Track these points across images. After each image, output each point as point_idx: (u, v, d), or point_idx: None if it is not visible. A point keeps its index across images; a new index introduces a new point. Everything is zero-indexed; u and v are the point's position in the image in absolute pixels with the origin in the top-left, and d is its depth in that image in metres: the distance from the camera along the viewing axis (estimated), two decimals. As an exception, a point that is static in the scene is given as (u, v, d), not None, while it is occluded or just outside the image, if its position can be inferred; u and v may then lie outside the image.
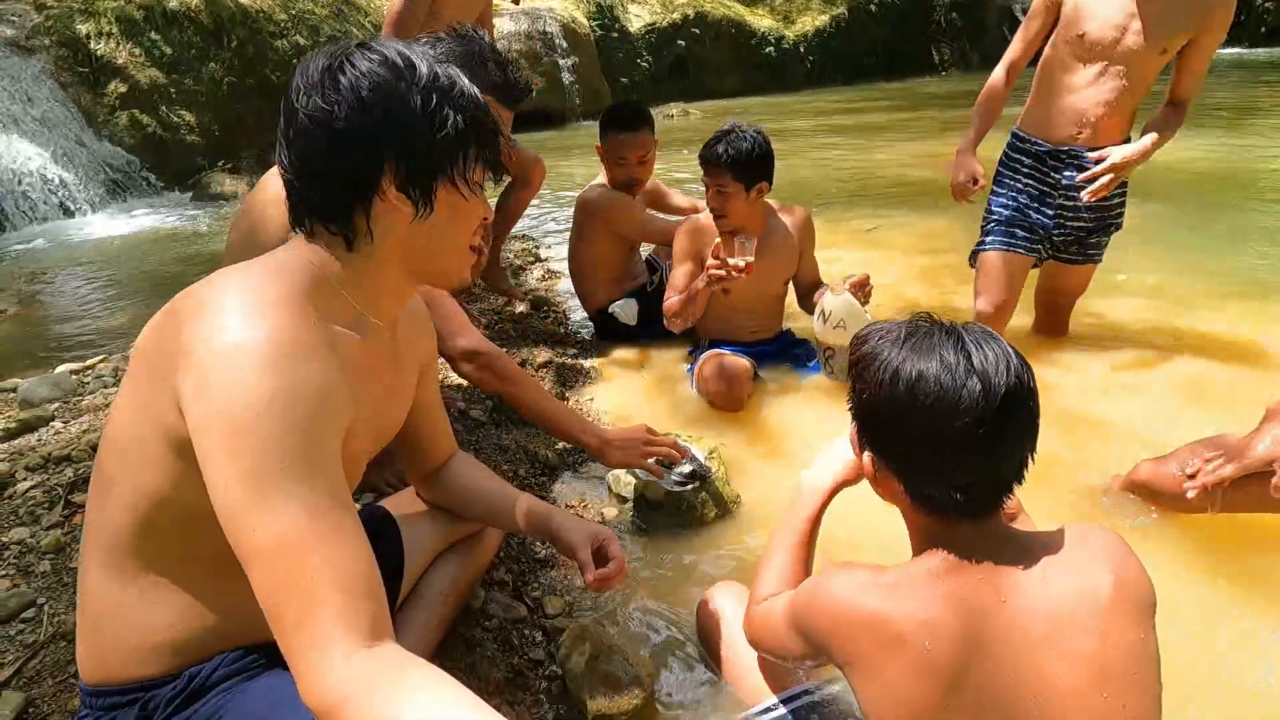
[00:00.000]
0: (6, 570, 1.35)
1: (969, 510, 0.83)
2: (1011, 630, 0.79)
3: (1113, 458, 1.83)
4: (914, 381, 0.79)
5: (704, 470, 1.72)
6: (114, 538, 0.83)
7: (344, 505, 0.75)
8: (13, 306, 3.69)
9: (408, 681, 0.69)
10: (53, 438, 1.85)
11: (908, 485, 0.85)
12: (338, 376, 0.78)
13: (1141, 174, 2.23)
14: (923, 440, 0.80)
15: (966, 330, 0.82)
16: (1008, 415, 0.78)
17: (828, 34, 12.51)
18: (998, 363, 0.78)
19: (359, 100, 0.79)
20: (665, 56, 11.28)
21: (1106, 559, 0.82)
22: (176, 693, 0.85)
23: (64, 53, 6.30)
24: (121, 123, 6.40)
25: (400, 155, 0.81)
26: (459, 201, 0.87)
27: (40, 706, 1.07)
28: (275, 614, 0.70)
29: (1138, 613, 0.80)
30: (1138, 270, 3.12)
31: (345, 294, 0.86)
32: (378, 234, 0.84)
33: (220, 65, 7.02)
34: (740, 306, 2.36)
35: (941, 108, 9.19)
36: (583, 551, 1.15)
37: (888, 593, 0.82)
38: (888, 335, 0.84)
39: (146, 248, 4.96)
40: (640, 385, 2.45)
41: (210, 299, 0.77)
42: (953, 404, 0.77)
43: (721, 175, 2.12)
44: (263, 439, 0.70)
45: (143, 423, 0.79)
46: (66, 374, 2.30)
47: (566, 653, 1.25)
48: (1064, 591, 0.79)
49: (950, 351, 0.79)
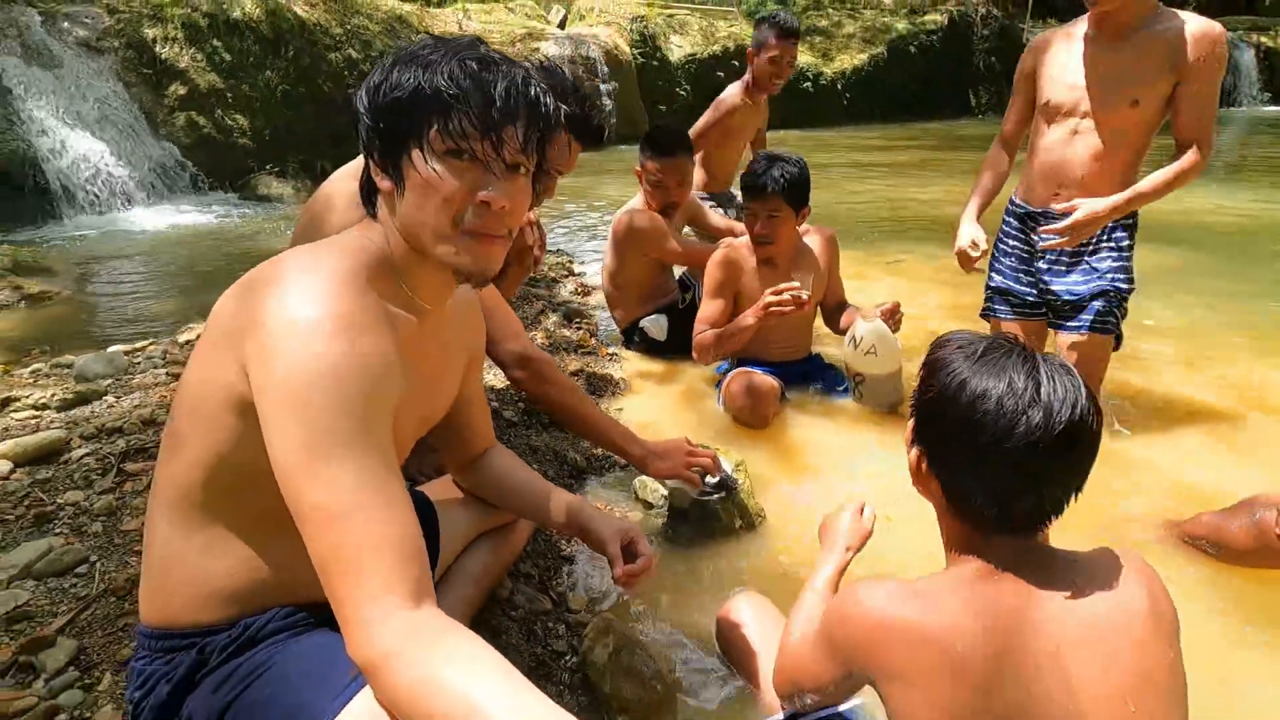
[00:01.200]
0: (62, 529, 1.41)
1: (1007, 527, 0.84)
2: (1043, 642, 0.79)
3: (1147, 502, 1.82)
4: (977, 396, 0.80)
5: (731, 482, 1.75)
6: (180, 491, 0.88)
7: (394, 473, 0.78)
8: (67, 289, 3.85)
9: (447, 644, 0.72)
10: (106, 410, 1.93)
11: (948, 490, 0.87)
12: (393, 354, 0.83)
13: (1173, 223, 2.21)
14: (971, 454, 0.82)
15: (1044, 360, 0.82)
16: (1063, 450, 0.78)
17: (866, 72, 12.64)
18: (1065, 397, 0.79)
19: (370, 81, 0.84)
20: (704, 86, 11.46)
21: (1142, 579, 0.82)
22: (231, 640, 0.89)
23: (131, 54, 6.60)
24: (179, 123, 6.67)
25: (374, 129, 0.84)
26: (428, 174, 0.83)
27: (90, 655, 1.12)
28: (326, 571, 0.74)
29: (1171, 634, 0.81)
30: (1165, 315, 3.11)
31: (399, 277, 0.90)
32: (381, 213, 0.89)
33: (276, 73, 7.29)
34: (769, 329, 2.39)
35: (977, 149, 9.21)
36: (612, 546, 1.18)
37: (919, 600, 0.83)
38: (966, 345, 0.86)
39: (194, 242, 5.14)
40: (668, 399, 2.49)
41: (280, 274, 0.82)
42: (1008, 428, 0.78)
43: (773, 201, 2.16)
44: (321, 406, 0.74)
45: (212, 385, 0.84)
46: (119, 353, 2.39)
47: (590, 645, 1.28)
48: (1100, 608, 0.79)
49: (1021, 376, 0.80)
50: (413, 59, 0.83)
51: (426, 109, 0.81)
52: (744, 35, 11.93)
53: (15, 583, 1.26)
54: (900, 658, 0.81)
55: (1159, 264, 3.80)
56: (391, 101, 0.82)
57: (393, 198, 0.87)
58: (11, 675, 1.07)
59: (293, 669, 0.87)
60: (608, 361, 2.75)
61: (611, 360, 2.77)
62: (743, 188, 2.24)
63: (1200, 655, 0.84)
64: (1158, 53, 1.87)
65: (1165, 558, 1.62)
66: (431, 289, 0.95)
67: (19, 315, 3.51)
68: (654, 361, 2.75)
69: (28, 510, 1.47)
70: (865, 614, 0.85)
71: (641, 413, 2.36)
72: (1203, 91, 1.87)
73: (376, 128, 0.84)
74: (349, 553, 0.73)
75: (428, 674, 0.69)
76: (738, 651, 1.27)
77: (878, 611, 0.84)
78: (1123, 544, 0.90)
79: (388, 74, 0.83)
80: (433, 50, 0.84)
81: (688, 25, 11.75)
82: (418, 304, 0.93)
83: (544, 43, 9.95)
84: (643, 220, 2.64)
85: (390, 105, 0.82)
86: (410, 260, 0.90)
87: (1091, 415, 0.80)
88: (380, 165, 0.86)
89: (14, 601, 1.21)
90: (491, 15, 10.49)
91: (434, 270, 0.93)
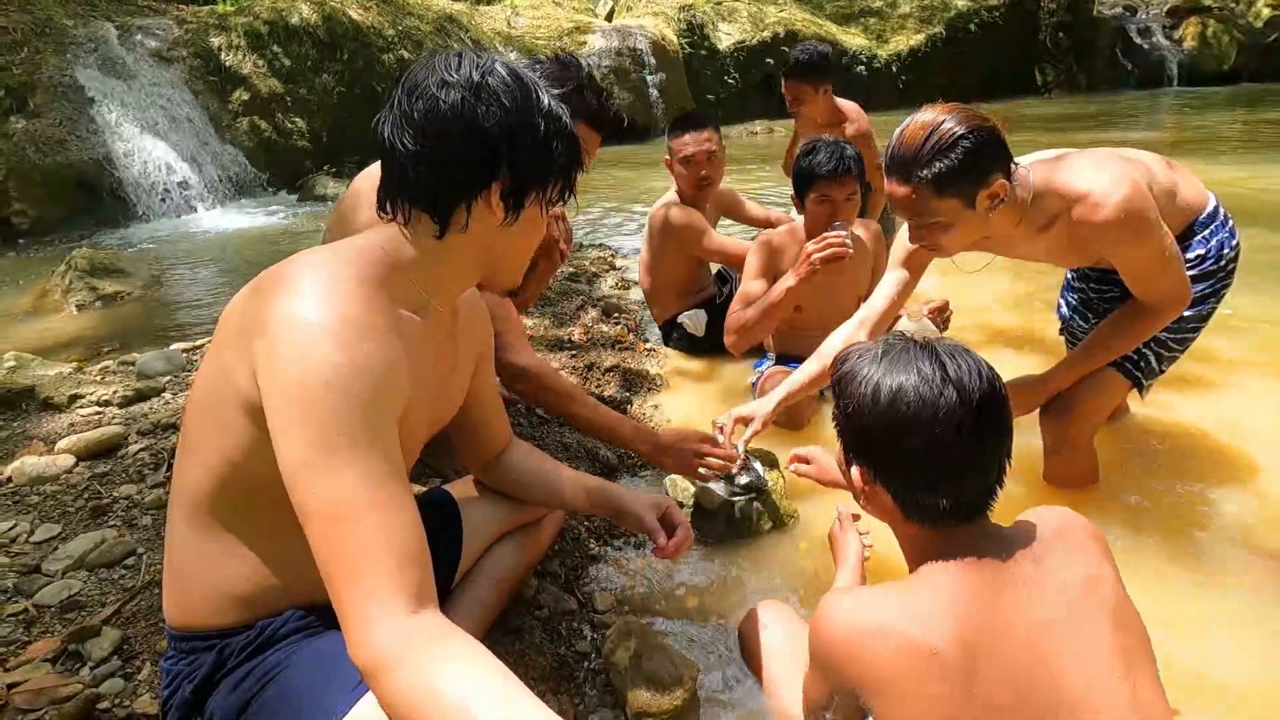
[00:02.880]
0: (115, 521, 1.49)
1: (961, 515, 0.86)
2: (1016, 624, 0.80)
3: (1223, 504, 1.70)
4: (895, 394, 0.84)
5: (761, 482, 1.71)
6: (196, 496, 0.90)
7: (398, 477, 0.79)
8: (139, 289, 4.07)
9: (446, 649, 0.71)
10: (162, 407, 2.03)
11: (897, 497, 0.87)
12: (400, 356, 0.83)
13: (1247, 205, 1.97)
14: (908, 450, 0.84)
15: (939, 344, 0.87)
16: (985, 420, 0.83)
17: (922, 54, 12.19)
18: (971, 372, 0.84)
19: (503, 109, 0.85)
20: (753, 75, 11.28)
21: (1092, 542, 0.86)
22: (249, 642, 0.92)
23: (198, 63, 6.92)
24: (242, 128, 6.96)
25: (514, 166, 0.87)
26: (536, 218, 0.94)
27: (133, 645, 1.18)
28: (328, 573, 0.74)
29: (1125, 594, 0.85)
30: (1244, 307, 2.88)
31: (414, 279, 0.91)
32: (469, 229, 0.90)
33: (332, 76, 7.53)
34: (810, 324, 2.33)
35: (1044, 130, 8.78)
36: (649, 519, 1.21)
37: (888, 605, 0.83)
38: (866, 354, 0.89)
39: (256, 242, 5.36)
40: (705, 395, 2.46)
41: (290, 277, 0.83)
42: (933, 413, 0.81)
43: (850, 184, 2.05)
44: (327, 408, 0.75)
45: (223, 388, 0.85)
46: (178, 351, 2.51)
47: (612, 647, 1.27)
48: (1065, 580, 0.82)
49: (926, 364, 0.84)
50: (553, 118, 0.89)
51: (559, 170, 0.91)
52: (795, 19, 11.67)
53: (70, 573, 1.33)
54: (882, 666, 0.80)
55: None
56: (542, 152, 0.89)
57: (491, 221, 0.90)
58: (61, 663, 1.13)
59: (305, 670, 0.89)
60: (645, 357, 2.73)
61: (649, 356, 2.75)
62: (812, 176, 2.05)
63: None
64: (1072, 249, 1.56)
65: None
66: (449, 293, 0.97)
67: (96, 315, 3.73)
68: (692, 358, 2.72)
69: (86, 503, 1.55)
70: (837, 627, 0.84)
71: (678, 410, 2.33)
72: (1135, 268, 1.52)
73: (515, 165, 0.87)
74: (351, 555, 0.74)
75: (425, 679, 0.69)
76: (759, 664, 1.25)
77: (847, 623, 0.84)
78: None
79: (535, 122, 0.87)
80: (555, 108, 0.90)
81: (736, 12, 11.56)
82: (429, 305, 0.94)
83: (591, 35, 9.96)
84: (679, 216, 2.60)
85: (540, 155, 0.89)
86: (435, 266, 0.92)
87: (998, 380, 0.86)
88: (505, 197, 0.89)
89: (67, 591, 1.28)
90: (539, 10, 10.55)
91: (463, 278, 0.96)
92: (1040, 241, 1.55)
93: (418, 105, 0.85)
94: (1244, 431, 2.01)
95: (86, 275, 4.02)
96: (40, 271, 4.44)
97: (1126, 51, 12.88)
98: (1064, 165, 1.50)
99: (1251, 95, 10.34)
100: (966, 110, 1.36)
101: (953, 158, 1.32)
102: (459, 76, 0.85)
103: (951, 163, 1.32)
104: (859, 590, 0.89)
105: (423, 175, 0.86)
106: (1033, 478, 1.83)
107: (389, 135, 0.87)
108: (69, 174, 5.73)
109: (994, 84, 12.58)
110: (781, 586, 1.53)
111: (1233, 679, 1.27)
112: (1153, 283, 1.53)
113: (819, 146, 2.07)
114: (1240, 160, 6.08)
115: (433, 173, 0.86)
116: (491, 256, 0.94)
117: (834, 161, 2.03)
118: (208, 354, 0.90)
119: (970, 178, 1.34)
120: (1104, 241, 1.48)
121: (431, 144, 0.85)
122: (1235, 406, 2.16)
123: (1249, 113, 8.65)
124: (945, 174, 1.33)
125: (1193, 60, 12.42)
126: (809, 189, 2.09)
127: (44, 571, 1.33)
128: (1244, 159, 6.14)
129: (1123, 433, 2.07)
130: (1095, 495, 1.79)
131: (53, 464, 1.68)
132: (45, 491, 1.59)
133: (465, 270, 0.95)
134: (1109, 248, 1.50)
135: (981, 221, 1.42)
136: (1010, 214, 1.47)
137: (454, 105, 0.84)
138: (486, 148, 0.85)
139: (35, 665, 1.11)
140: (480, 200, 0.88)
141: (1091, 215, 1.44)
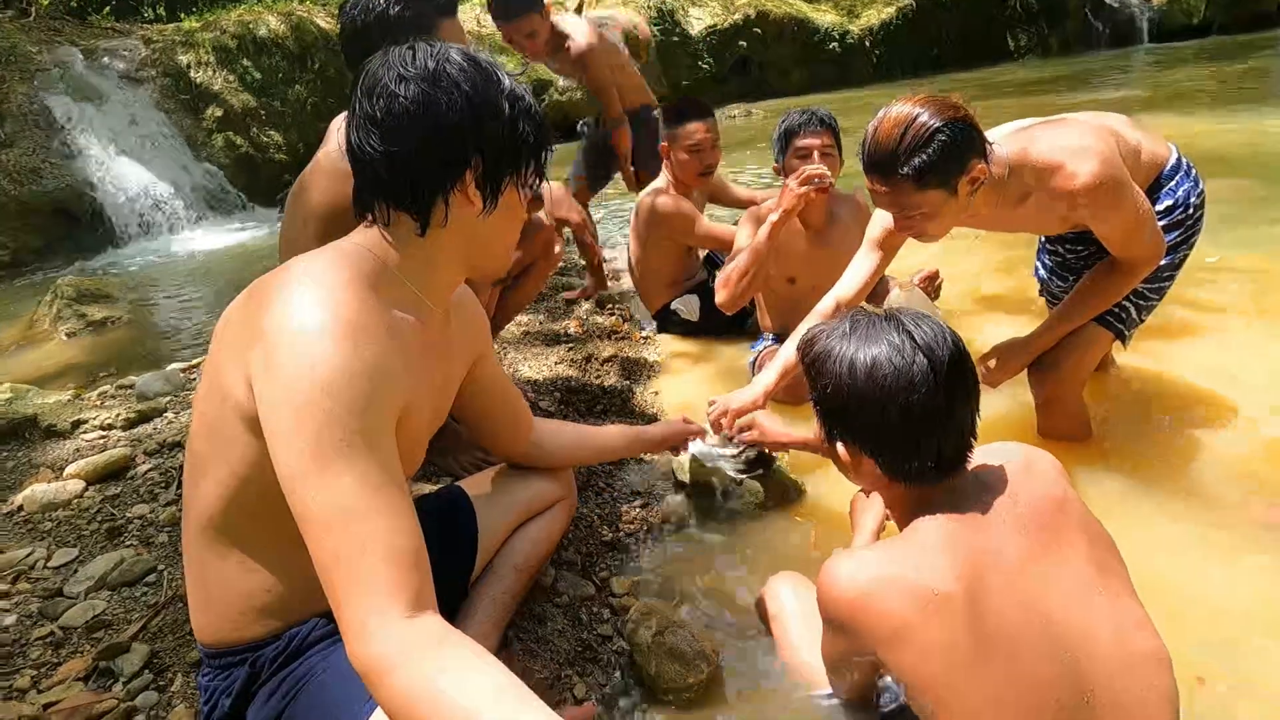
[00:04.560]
0: (131, 541, 1.50)
1: (944, 470, 0.91)
2: (1005, 555, 0.85)
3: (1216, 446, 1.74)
4: (870, 367, 0.88)
5: (766, 458, 1.74)
6: (209, 514, 0.90)
7: (396, 481, 0.79)
8: (127, 313, 4.04)
9: (445, 652, 0.72)
10: (166, 426, 2.03)
11: (883, 464, 0.91)
12: (396, 359, 0.84)
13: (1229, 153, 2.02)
14: (889, 418, 0.88)
15: (903, 314, 0.92)
16: (955, 379, 0.89)
17: (894, 26, 12.18)
18: (936, 336, 0.89)
19: (464, 97, 0.84)
20: (727, 58, 11.25)
21: (1052, 470, 0.95)
22: (279, 651, 0.93)
23: (168, 82, 6.84)
24: (218, 144, 6.90)
25: (485, 153, 0.87)
26: (515, 203, 0.93)
27: (163, 658, 1.19)
28: (327, 578, 0.74)
29: (1089, 512, 0.92)
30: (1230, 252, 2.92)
31: (404, 279, 0.91)
32: (450, 222, 0.89)
33: (304, 87, 7.47)
34: (805, 301, 2.35)
35: (1020, 94, 8.81)
36: (679, 425, 1.56)
37: (885, 558, 0.87)
38: (834, 332, 0.93)
39: (240, 258, 5.33)
40: (703, 378, 2.48)
41: (282, 284, 0.84)
42: (909, 379, 0.87)
43: (827, 135, 2.17)
44: (324, 414, 0.75)
45: (222, 402, 0.85)
46: (176, 371, 2.51)
47: (634, 627, 1.30)
48: (1039, 508, 0.89)
49: (895, 334, 0.89)
50: (515, 98, 0.89)
51: (529, 151, 0.91)
52: (764, 1, 11.64)
53: (92, 593, 1.34)
54: (892, 617, 0.83)
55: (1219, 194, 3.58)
56: (509, 134, 0.88)
57: (469, 211, 0.89)
58: (93, 680, 1.15)
59: (331, 676, 0.90)
60: (641, 345, 2.75)
61: (645, 344, 2.77)
62: (787, 133, 2.19)
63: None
64: (1046, 220, 1.62)
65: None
66: (440, 290, 0.97)
67: (87, 342, 3.71)
68: (688, 342, 2.74)
69: (100, 525, 1.56)
70: (842, 588, 0.88)
71: (678, 394, 2.36)
72: (1110, 234, 1.56)
73: (486, 151, 0.87)
74: (349, 559, 0.74)
75: (425, 682, 0.69)
76: (780, 631, 1.27)
77: (850, 581, 0.87)
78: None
79: (499, 104, 0.87)
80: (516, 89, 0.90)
81: (706, -4, 11.51)
82: (422, 305, 0.95)
83: (562, 29, 9.90)
84: (668, 204, 2.61)
85: (508, 137, 0.88)
86: (423, 265, 0.92)
87: (960, 342, 0.92)
88: (480, 184, 0.88)
89: (92, 611, 1.29)
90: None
91: (452, 274, 0.96)
92: (1018, 214, 1.59)
93: (378, 105, 0.84)
94: (1231, 375, 2.05)
95: (74, 302, 3.99)
96: (25, 302, 4.41)
97: (1096, 12, 12.90)
98: (1035, 138, 1.53)
99: (1220, 48, 10.39)
100: (938, 101, 1.38)
101: (930, 152, 1.33)
102: (415, 69, 0.84)
103: (930, 157, 1.34)
104: (856, 552, 0.93)
105: (395, 175, 0.86)
106: (1029, 433, 1.86)
107: (355, 140, 0.87)
108: (46, 202, 5.67)
109: (968, 52, 12.60)
110: (791, 559, 1.55)
111: (1230, 605, 1.32)
112: (1130, 243, 1.56)
113: (791, 111, 2.22)
114: (1217, 113, 6.13)
115: (404, 171, 0.85)
116: (476, 247, 0.94)
117: (805, 114, 2.18)
118: (204, 370, 0.90)
119: (950, 168, 1.36)
120: (1080, 210, 1.51)
121: (398, 142, 0.84)
122: (1221, 351, 2.21)
123: (1219, 66, 8.71)
124: (925, 168, 1.35)
125: (1161, 16, 12.47)
126: (786, 146, 2.20)
127: (66, 594, 1.35)
128: (1219, 112, 6.19)
129: (1112, 383, 2.11)
130: (1090, 445, 1.83)
131: (63, 489, 1.68)
132: (58, 517, 1.60)
133: (453, 264, 0.95)
134: (1085, 216, 1.53)
135: (963, 206, 1.44)
136: (989, 194, 1.50)
137: (414, 99, 0.83)
138: (454, 138, 0.85)
139: (68, 685, 1.13)
140: (457, 191, 0.87)
141: (1066, 185, 1.47)
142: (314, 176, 1.49)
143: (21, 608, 1.31)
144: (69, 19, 7.41)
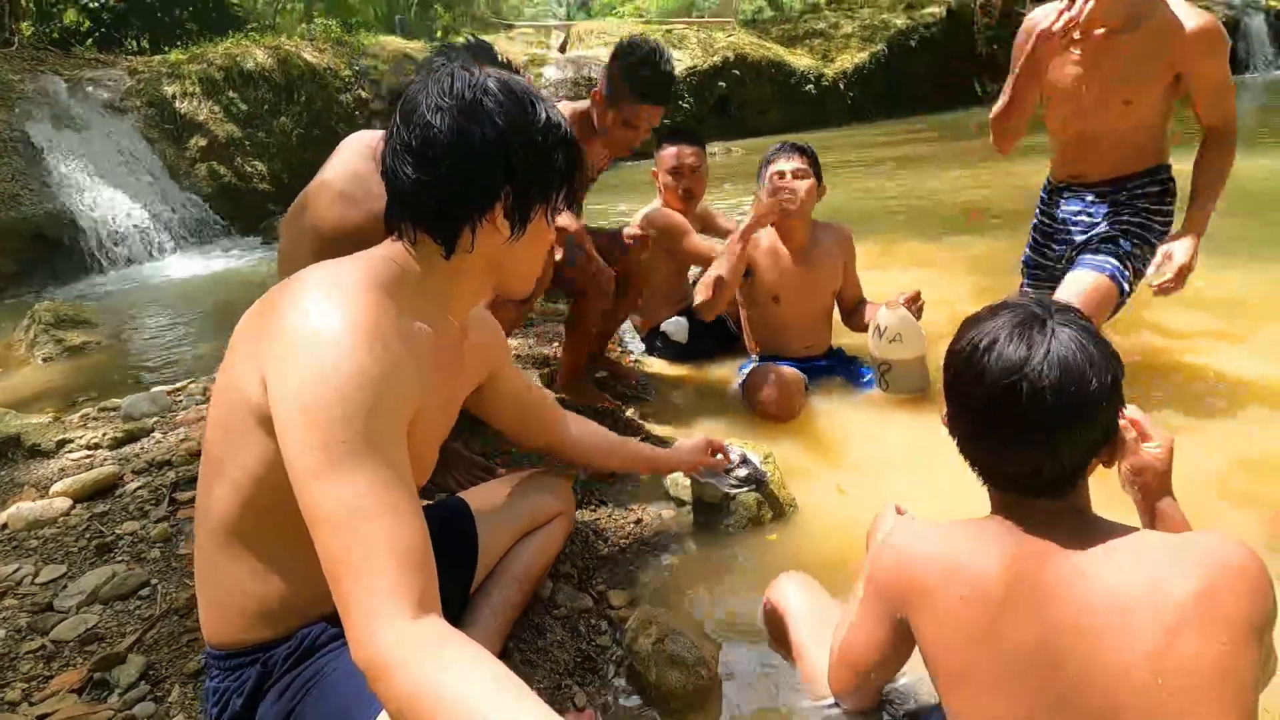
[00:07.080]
0: (122, 556, 1.48)
1: (1023, 488, 0.86)
2: (1054, 603, 0.79)
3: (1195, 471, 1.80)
4: (977, 343, 0.85)
5: (760, 474, 1.77)
6: (224, 516, 0.91)
7: (405, 483, 0.80)
8: (105, 339, 3.99)
9: (448, 653, 0.72)
10: (154, 446, 2.01)
11: (963, 451, 0.90)
12: (409, 365, 0.85)
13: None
14: (972, 404, 0.85)
15: (1060, 315, 0.83)
16: (1053, 403, 0.79)
17: (867, 70, 12.65)
18: (1050, 355, 0.79)
19: (496, 129, 0.86)
20: (707, 98, 11.57)
21: (1200, 565, 0.76)
22: (291, 651, 0.93)
23: (152, 112, 6.87)
24: (201, 173, 6.91)
25: (515, 184, 0.89)
26: (543, 229, 0.95)
27: (159, 669, 1.18)
28: (333, 577, 0.75)
29: (1225, 629, 0.73)
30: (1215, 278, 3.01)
31: (424, 293, 0.93)
32: (476, 248, 0.91)
33: (290, 118, 7.53)
34: (790, 321, 2.42)
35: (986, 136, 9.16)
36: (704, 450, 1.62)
37: (943, 536, 0.89)
38: (1005, 307, 0.88)
39: (221, 286, 5.30)
40: (694, 401, 2.52)
41: (300, 288, 0.86)
42: (1001, 374, 0.80)
43: (800, 159, 2.32)
44: (335, 416, 0.77)
45: (238, 403, 0.86)
46: (162, 393, 2.49)
47: (633, 635, 1.30)
48: (1126, 582, 0.77)
49: (1035, 332, 0.82)
50: (551, 128, 0.90)
51: (561, 179, 0.93)
52: (743, 44, 12.04)
53: (84, 608, 1.32)
54: (926, 581, 0.86)
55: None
56: (541, 165, 0.90)
57: (496, 238, 0.91)
58: (87, 692, 1.12)
59: (341, 676, 0.90)
60: (630, 368, 2.78)
61: (634, 366, 2.80)
62: (770, 157, 2.36)
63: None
64: (1149, 55, 1.80)
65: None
66: (460, 306, 1.00)
67: (64, 366, 3.66)
68: (677, 365, 2.78)
69: (89, 542, 1.54)
70: (899, 553, 0.91)
71: (668, 416, 2.38)
72: (1209, 82, 1.81)
73: (516, 182, 0.89)
74: (356, 558, 0.74)
75: (428, 681, 0.69)
76: (784, 634, 1.28)
77: (905, 547, 0.91)
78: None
79: (533, 136, 0.88)
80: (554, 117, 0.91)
81: (686, 39, 11.89)
82: (441, 317, 0.97)
83: (546, 68, 10.14)
84: (662, 217, 2.67)
85: (540, 169, 0.90)
86: (445, 282, 0.94)
87: (1088, 376, 0.79)
88: (509, 214, 0.90)
89: (84, 625, 1.27)
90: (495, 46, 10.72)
91: (474, 293, 0.99)
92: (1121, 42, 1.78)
93: (414, 133, 0.86)
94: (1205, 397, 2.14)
95: (51, 328, 3.93)
96: (0, 328, 4.33)
97: (1056, 59, 13.51)
98: None
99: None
100: None
101: None
102: (451, 100, 0.86)
103: None
104: (921, 523, 0.96)
105: (425, 202, 0.88)
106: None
107: (390, 164, 0.89)
108: (24, 228, 5.62)
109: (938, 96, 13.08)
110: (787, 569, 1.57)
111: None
112: (1224, 99, 1.82)
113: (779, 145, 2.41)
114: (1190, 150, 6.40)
115: (434, 199, 0.87)
116: (501, 270, 0.96)
117: (782, 144, 2.38)
118: (221, 373, 0.91)
119: None
120: (1190, 51, 1.72)
121: (429, 172, 0.86)
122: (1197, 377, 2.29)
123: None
124: None
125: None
126: (765, 171, 2.35)
127: (57, 608, 1.32)
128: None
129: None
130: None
131: (49, 507, 1.66)
132: (44, 535, 1.58)
133: (475, 286, 0.98)
134: (1191, 57, 1.73)
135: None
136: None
137: (449, 130, 0.85)
138: (485, 170, 0.86)
139: (61, 697, 1.11)
140: (484, 221, 0.89)
141: (1188, 20, 1.70)
142: (315, 197, 1.51)
143: (10, 622, 1.28)
144: (52, 50, 7.43)
